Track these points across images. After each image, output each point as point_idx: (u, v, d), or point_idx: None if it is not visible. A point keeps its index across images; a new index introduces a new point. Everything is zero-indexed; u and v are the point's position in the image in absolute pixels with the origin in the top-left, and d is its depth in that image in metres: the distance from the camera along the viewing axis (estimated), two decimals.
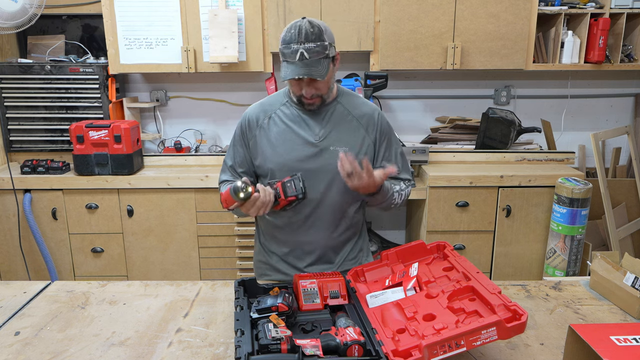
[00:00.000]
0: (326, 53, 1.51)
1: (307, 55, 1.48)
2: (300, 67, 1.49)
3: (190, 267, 3.22)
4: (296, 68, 1.49)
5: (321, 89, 1.57)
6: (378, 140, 1.70)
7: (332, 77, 1.60)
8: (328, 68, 1.53)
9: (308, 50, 1.48)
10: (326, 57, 1.51)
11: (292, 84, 1.58)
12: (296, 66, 1.49)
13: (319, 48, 1.49)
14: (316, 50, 1.49)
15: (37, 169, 3.11)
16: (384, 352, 1.17)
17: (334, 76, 1.62)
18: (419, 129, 3.65)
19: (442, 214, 3.07)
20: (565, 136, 3.65)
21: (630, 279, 1.52)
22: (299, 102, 1.63)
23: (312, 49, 1.48)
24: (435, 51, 3.13)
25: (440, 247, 1.59)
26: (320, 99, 1.61)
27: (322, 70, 1.50)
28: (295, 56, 1.48)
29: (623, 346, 1.06)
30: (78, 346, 1.34)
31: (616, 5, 3.12)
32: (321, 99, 1.61)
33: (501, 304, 1.21)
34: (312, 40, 1.48)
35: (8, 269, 3.21)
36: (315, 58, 1.49)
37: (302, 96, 1.59)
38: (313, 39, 1.48)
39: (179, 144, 3.50)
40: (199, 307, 1.55)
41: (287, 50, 1.50)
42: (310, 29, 1.48)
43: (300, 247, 1.72)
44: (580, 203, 2.80)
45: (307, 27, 1.48)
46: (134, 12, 3.13)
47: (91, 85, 3.21)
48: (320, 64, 1.50)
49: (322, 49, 1.50)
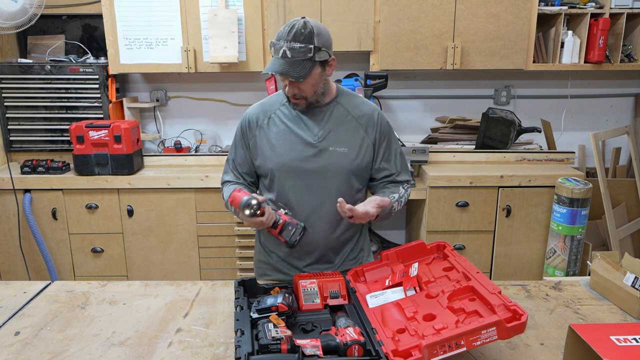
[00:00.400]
0: (309, 56, 1.50)
1: (289, 54, 1.49)
2: (280, 65, 1.51)
3: (190, 267, 3.22)
4: (276, 64, 1.51)
5: (304, 91, 1.57)
6: (378, 141, 1.69)
7: (319, 82, 1.58)
8: (309, 71, 1.52)
9: (291, 50, 1.49)
10: (310, 59, 1.51)
11: (282, 79, 1.59)
12: (278, 63, 1.51)
13: (304, 49, 1.49)
14: (300, 51, 1.49)
15: (37, 169, 3.11)
16: (384, 352, 1.17)
17: (322, 81, 1.60)
18: (419, 129, 3.65)
19: (442, 214, 3.07)
20: (565, 136, 3.65)
21: (630, 279, 1.52)
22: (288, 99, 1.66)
23: (296, 49, 1.49)
24: (435, 51, 3.13)
25: (440, 247, 1.59)
26: (305, 101, 1.61)
27: (301, 71, 1.50)
28: (279, 53, 1.51)
29: (623, 346, 1.06)
30: (78, 346, 1.34)
31: (616, 5, 3.12)
32: (305, 100, 1.60)
33: (501, 304, 1.21)
34: (299, 41, 1.49)
35: (8, 269, 3.21)
36: (297, 58, 1.50)
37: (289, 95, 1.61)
38: (300, 40, 1.49)
39: (179, 144, 3.50)
40: (199, 307, 1.55)
41: (275, 45, 1.53)
42: (301, 29, 1.49)
43: (301, 247, 1.71)
44: (580, 203, 2.80)
45: (299, 27, 1.49)
46: (134, 12, 3.13)
47: (91, 85, 3.21)
48: (301, 65, 1.50)
49: (307, 51, 1.49)
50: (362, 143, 1.67)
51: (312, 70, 1.53)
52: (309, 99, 1.60)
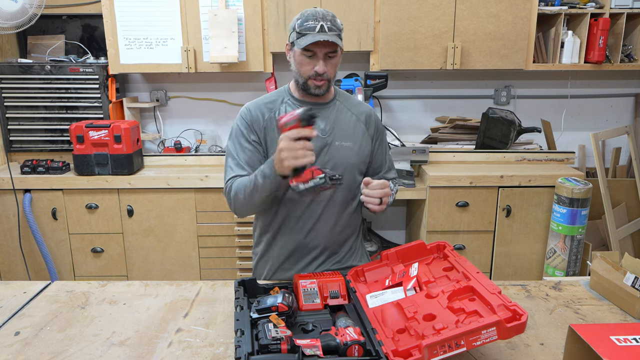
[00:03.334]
0: (341, 34, 1.58)
1: (327, 29, 1.54)
2: (322, 35, 1.53)
3: (190, 267, 3.22)
4: (320, 36, 1.52)
5: (330, 71, 1.60)
6: (374, 136, 1.76)
7: (338, 65, 1.64)
8: (342, 47, 1.59)
9: (327, 26, 1.54)
10: (340, 38, 1.58)
11: (304, 63, 1.58)
12: (317, 35, 1.53)
13: (335, 27, 1.56)
14: (333, 28, 1.55)
15: (37, 169, 3.11)
16: (384, 352, 1.17)
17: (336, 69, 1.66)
18: (419, 129, 3.65)
19: (442, 214, 3.07)
20: (565, 136, 3.65)
21: (630, 279, 1.52)
22: (304, 87, 1.63)
23: (330, 26, 1.55)
24: (435, 51, 3.13)
25: (440, 247, 1.59)
26: (327, 83, 1.62)
27: (341, 43, 1.57)
28: (315, 29, 1.53)
29: (623, 346, 1.06)
30: (78, 346, 1.34)
31: (616, 5, 3.12)
32: (328, 83, 1.62)
33: (501, 304, 1.21)
34: (329, 19, 1.55)
35: (8, 269, 3.21)
36: (334, 32, 1.55)
37: (311, 77, 1.59)
38: (329, 19, 1.56)
39: (179, 144, 3.50)
40: (199, 307, 1.55)
41: (305, 26, 1.54)
42: (325, 12, 1.57)
43: (302, 245, 1.72)
44: (580, 203, 2.80)
45: (322, 11, 1.57)
46: (134, 12, 3.13)
47: (91, 85, 3.21)
48: (339, 38, 1.57)
49: (337, 28, 1.57)
50: (363, 138, 1.72)
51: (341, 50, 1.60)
52: (331, 81, 1.63)
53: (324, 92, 1.64)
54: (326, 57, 1.57)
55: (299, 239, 1.71)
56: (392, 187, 1.74)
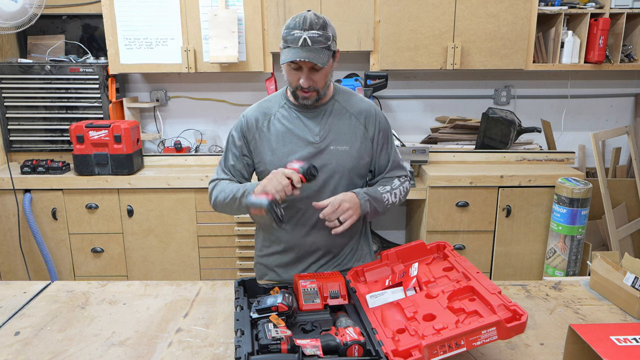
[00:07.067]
0: (328, 44, 1.52)
1: (310, 43, 1.49)
2: (301, 52, 1.49)
3: (190, 267, 3.22)
4: (298, 52, 1.49)
5: (318, 82, 1.57)
6: (377, 136, 1.71)
7: (330, 72, 1.60)
8: (328, 59, 1.53)
9: (311, 38, 1.49)
10: (328, 47, 1.53)
11: (291, 73, 1.57)
12: (299, 51, 1.49)
13: (322, 38, 1.50)
14: (319, 40, 1.50)
15: (37, 169, 3.11)
16: (384, 352, 1.17)
17: (331, 72, 1.62)
18: (419, 129, 3.65)
19: (442, 214, 3.07)
20: (565, 136, 3.65)
21: (630, 279, 1.52)
22: (294, 95, 1.63)
23: (316, 38, 1.49)
24: (435, 51, 3.13)
25: (440, 247, 1.59)
26: (316, 94, 1.60)
27: (323, 58, 1.51)
28: (298, 42, 1.49)
29: (623, 346, 1.06)
30: (78, 346, 1.34)
31: (616, 5, 3.12)
32: (317, 93, 1.60)
33: (501, 304, 1.21)
34: (316, 29, 1.49)
35: (8, 269, 3.21)
36: (317, 46, 1.50)
37: (298, 88, 1.58)
38: (317, 28, 1.50)
39: (179, 144, 3.50)
40: (199, 307, 1.55)
41: (290, 36, 1.50)
42: (315, 19, 1.50)
43: (301, 246, 1.72)
44: (580, 203, 2.80)
45: (312, 17, 1.51)
46: (134, 12, 3.13)
47: (91, 85, 3.21)
48: (322, 53, 1.51)
49: (325, 39, 1.51)
50: (362, 140, 1.68)
51: (329, 59, 1.54)
52: (320, 91, 1.60)
53: (313, 103, 1.62)
54: (312, 70, 1.54)
55: (300, 241, 1.71)
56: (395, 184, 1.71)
